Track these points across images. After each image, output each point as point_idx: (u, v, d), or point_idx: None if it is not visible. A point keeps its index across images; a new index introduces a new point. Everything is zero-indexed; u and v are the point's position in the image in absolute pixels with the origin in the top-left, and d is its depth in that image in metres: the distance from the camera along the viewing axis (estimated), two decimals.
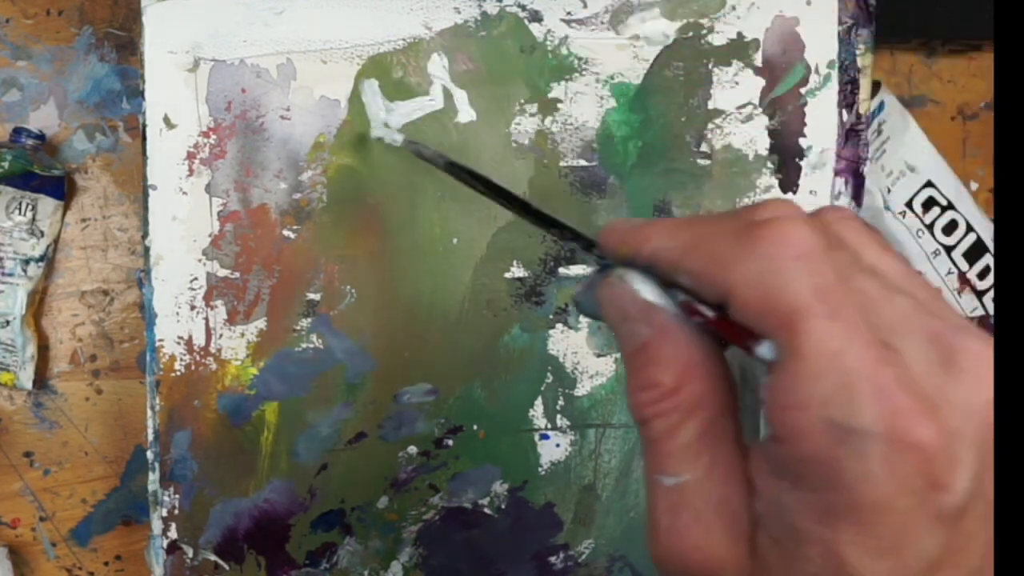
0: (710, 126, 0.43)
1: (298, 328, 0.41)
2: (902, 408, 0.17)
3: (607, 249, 0.23)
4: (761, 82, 0.43)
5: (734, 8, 0.42)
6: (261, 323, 0.41)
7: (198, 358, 0.40)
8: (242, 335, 0.41)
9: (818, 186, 0.44)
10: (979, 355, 0.18)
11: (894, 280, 0.19)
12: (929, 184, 0.48)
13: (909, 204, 0.48)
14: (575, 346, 0.43)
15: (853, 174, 0.44)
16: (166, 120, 0.39)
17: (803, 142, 0.44)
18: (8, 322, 0.44)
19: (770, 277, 0.18)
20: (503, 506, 0.44)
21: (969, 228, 0.49)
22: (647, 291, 0.21)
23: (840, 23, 0.43)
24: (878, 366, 0.17)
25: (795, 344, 0.18)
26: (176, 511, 0.41)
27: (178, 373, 0.40)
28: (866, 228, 0.21)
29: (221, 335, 0.41)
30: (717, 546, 0.20)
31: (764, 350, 0.18)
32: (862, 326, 0.18)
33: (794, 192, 0.44)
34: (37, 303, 0.45)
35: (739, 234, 0.19)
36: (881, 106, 0.49)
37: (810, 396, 0.17)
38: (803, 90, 0.44)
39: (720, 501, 0.20)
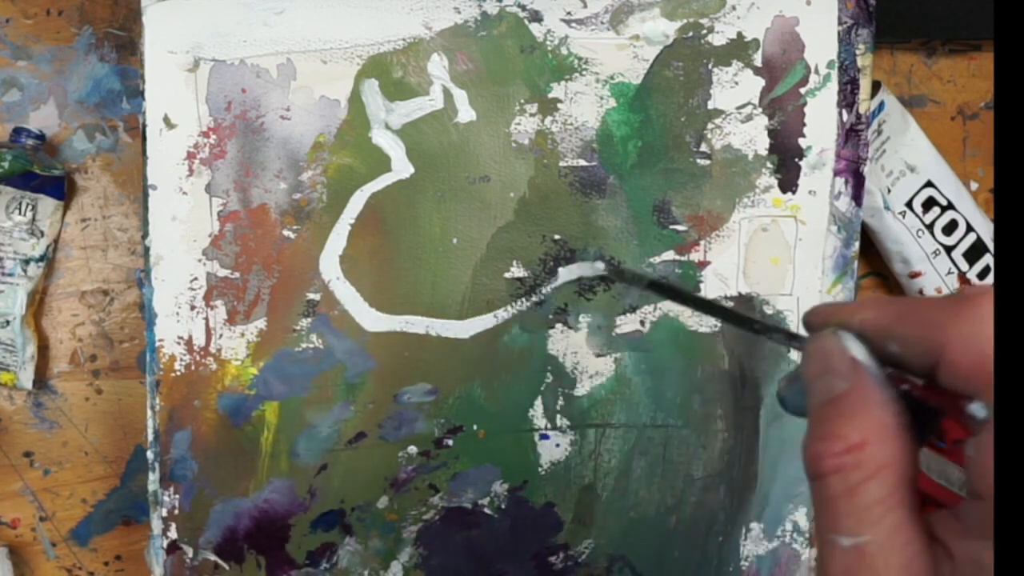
0: (710, 126, 0.43)
1: (298, 328, 0.41)
2: None
3: (815, 328, 0.23)
4: (761, 82, 0.43)
5: (734, 8, 0.42)
6: (261, 323, 0.41)
7: (198, 358, 0.40)
8: (242, 335, 0.41)
9: (817, 186, 0.44)
10: None
11: None
12: (929, 184, 0.48)
13: (909, 204, 0.48)
14: (575, 346, 0.43)
15: (853, 174, 0.44)
16: (166, 120, 0.39)
17: (803, 142, 0.44)
18: (8, 322, 0.44)
19: (985, 339, 0.19)
20: (503, 506, 0.44)
21: (969, 228, 0.49)
22: (856, 349, 0.22)
23: (840, 23, 0.43)
24: None
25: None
26: (176, 511, 0.41)
27: (178, 373, 0.40)
28: None
29: (221, 335, 0.41)
30: None
31: (976, 408, 0.19)
32: None
33: (793, 192, 0.44)
34: (37, 303, 0.45)
35: (952, 302, 0.20)
36: (881, 106, 0.49)
37: None
38: (803, 90, 0.44)
39: (902, 566, 0.20)
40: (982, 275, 0.49)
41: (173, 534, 0.41)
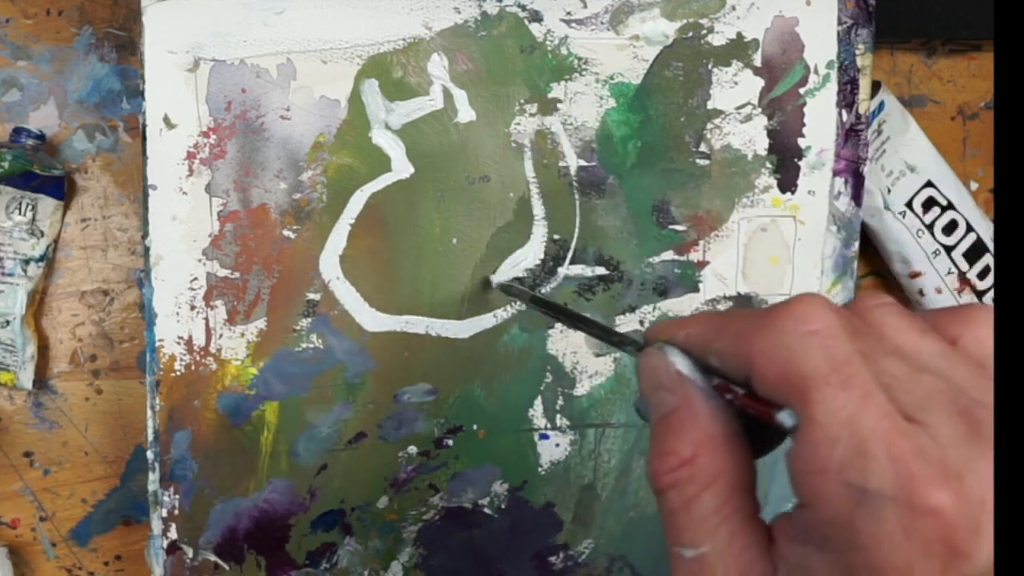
0: (709, 126, 0.43)
1: (298, 328, 0.41)
2: (918, 474, 0.17)
3: (651, 342, 0.24)
4: (760, 82, 0.43)
5: (734, 8, 0.42)
6: (261, 323, 0.41)
7: (198, 358, 0.40)
8: (242, 335, 0.41)
9: (817, 186, 0.44)
10: None
11: (926, 361, 0.20)
12: (929, 184, 0.48)
13: (909, 204, 0.48)
14: (574, 346, 0.43)
15: (853, 174, 0.44)
16: (166, 120, 0.39)
17: (802, 142, 0.44)
18: (8, 322, 0.44)
19: (785, 350, 0.19)
20: (503, 506, 0.44)
21: (969, 228, 0.49)
22: (681, 363, 0.22)
23: (840, 23, 0.43)
24: (895, 435, 0.18)
25: (810, 412, 0.19)
26: (176, 511, 0.41)
27: (178, 373, 0.40)
28: (904, 314, 0.21)
29: (221, 335, 0.41)
30: None
31: (784, 417, 0.19)
32: (879, 396, 0.18)
33: (792, 192, 0.44)
34: (37, 303, 0.45)
35: (761, 315, 0.20)
36: (881, 106, 0.49)
37: (828, 460, 0.18)
38: (802, 90, 0.44)
39: (740, 572, 0.20)
40: (982, 275, 0.49)
41: (173, 534, 0.41)
